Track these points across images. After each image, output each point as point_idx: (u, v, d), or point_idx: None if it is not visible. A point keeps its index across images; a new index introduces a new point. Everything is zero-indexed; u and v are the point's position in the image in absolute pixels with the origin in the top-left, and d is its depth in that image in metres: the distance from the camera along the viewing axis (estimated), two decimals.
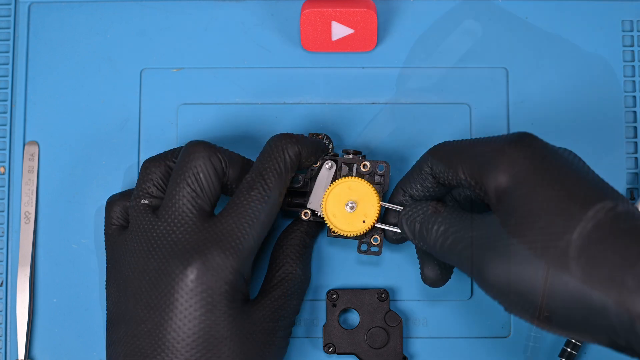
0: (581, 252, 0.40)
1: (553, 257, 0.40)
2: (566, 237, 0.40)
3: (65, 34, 0.57)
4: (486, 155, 0.45)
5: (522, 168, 0.43)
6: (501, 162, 0.44)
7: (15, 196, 0.55)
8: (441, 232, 0.46)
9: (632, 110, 0.56)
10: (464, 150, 0.46)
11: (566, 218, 0.40)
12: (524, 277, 0.41)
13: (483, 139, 0.47)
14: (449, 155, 0.47)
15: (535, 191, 0.42)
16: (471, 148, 0.46)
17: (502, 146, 0.44)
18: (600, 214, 0.40)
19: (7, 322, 0.54)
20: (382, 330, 0.52)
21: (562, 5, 0.57)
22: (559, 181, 0.42)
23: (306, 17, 0.54)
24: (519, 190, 0.43)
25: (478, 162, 0.45)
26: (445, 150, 0.48)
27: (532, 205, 0.42)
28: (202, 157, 0.48)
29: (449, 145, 0.48)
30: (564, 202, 0.41)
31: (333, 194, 0.50)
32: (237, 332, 0.46)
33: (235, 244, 0.46)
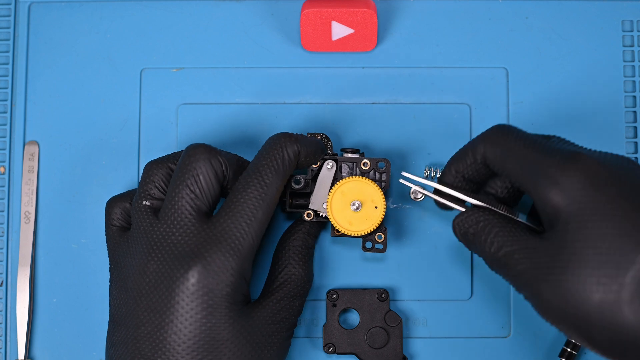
0: (634, 296, 0.40)
1: (606, 300, 0.41)
2: (619, 279, 0.40)
3: (65, 34, 0.57)
4: (544, 166, 0.44)
5: (579, 193, 0.42)
6: (560, 181, 0.43)
7: (15, 196, 0.55)
8: (494, 248, 0.46)
9: (632, 110, 0.56)
10: (519, 152, 0.46)
11: (619, 259, 0.41)
12: (578, 313, 0.42)
13: (540, 143, 0.46)
14: (503, 154, 0.46)
15: (590, 223, 0.42)
16: (528, 152, 0.45)
17: (559, 162, 0.44)
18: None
19: (7, 322, 0.54)
20: (382, 330, 0.52)
21: (562, 5, 0.57)
22: (614, 215, 0.41)
23: (306, 17, 0.54)
24: (574, 218, 0.42)
25: (534, 171, 0.44)
26: (500, 146, 0.47)
27: (586, 241, 0.42)
28: (202, 160, 0.48)
29: (503, 138, 0.47)
30: (617, 240, 0.41)
31: (338, 193, 0.50)
32: (237, 334, 0.46)
33: (234, 244, 0.46)
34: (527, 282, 0.44)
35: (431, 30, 0.56)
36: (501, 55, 0.56)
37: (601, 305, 0.41)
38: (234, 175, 0.49)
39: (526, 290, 0.44)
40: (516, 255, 0.45)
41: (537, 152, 0.45)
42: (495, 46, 0.56)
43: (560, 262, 0.42)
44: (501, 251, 0.45)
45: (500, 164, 0.46)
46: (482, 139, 0.47)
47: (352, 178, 0.50)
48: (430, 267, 0.54)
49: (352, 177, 0.50)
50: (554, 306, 0.43)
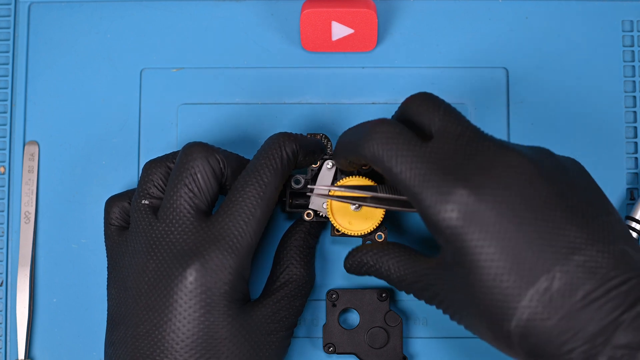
0: (522, 339, 0.40)
1: (499, 339, 0.42)
2: (505, 325, 0.41)
3: (65, 34, 0.57)
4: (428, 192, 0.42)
5: (468, 223, 0.41)
6: (448, 206, 0.41)
7: (15, 196, 0.55)
8: (396, 280, 0.47)
9: (632, 110, 0.56)
10: (408, 164, 0.43)
11: (504, 306, 0.40)
12: (485, 340, 0.44)
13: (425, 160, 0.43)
14: (388, 165, 0.44)
15: (474, 264, 0.41)
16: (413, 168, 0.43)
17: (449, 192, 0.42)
18: (533, 301, 0.40)
19: (7, 322, 0.54)
20: (382, 330, 0.52)
21: (562, 5, 0.57)
22: (498, 254, 0.40)
23: (306, 17, 0.54)
24: (460, 255, 0.41)
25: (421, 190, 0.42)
26: (386, 159, 0.44)
27: (473, 282, 0.41)
28: (200, 158, 0.48)
29: (390, 146, 0.44)
30: (502, 282, 0.40)
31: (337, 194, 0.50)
32: (236, 332, 0.46)
33: (232, 243, 0.46)
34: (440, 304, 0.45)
35: (431, 30, 0.56)
36: (501, 55, 0.56)
37: (495, 345, 0.43)
38: (232, 173, 0.49)
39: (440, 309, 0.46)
40: (418, 284, 0.46)
41: (424, 166, 0.43)
42: (495, 46, 0.56)
43: (458, 295, 0.43)
44: (403, 282, 0.46)
45: (386, 171, 0.44)
46: (362, 139, 0.45)
47: (352, 178, 0.50)
48: None
49: (352, 177, 0.50)
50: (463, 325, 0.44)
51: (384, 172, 0.44)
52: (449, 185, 0.42)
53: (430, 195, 0.42)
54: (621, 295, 0.39)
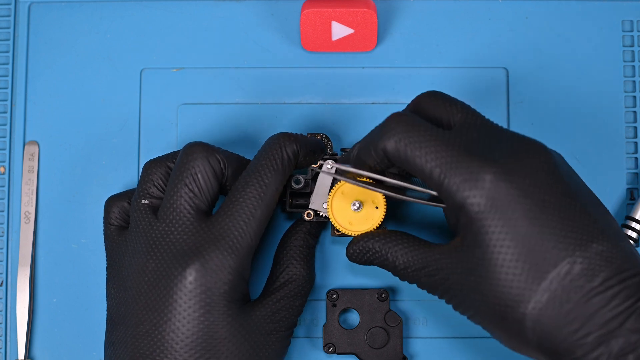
0: (535, 324, 0.41)
1: (510, 325, 0.42)
2: (522, 307, 0.42)
3: (65, 34, 0.57)
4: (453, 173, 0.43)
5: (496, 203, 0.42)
6: (476, 189, 0.42)
7: (15, 196, 0.56)
8: (401, 267, 0.47)
9: (632, 110, 0.56)
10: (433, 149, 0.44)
11: (523, 287, 0.41)
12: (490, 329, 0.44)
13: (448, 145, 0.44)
14: (408, 154, 0.44)
15: (498, 244, 0.42)
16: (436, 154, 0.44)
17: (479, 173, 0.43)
18: (554, 283, 0.41)
19: (7, 322, 0.54)
20: (382, 330, 0.52)
21: (562, 5, 0.57)
22: (521, 234, 0.42)
23: (306, 17, 0.54)
24: (483, 235, 0.42)
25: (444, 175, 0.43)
26: (404, 147, 0.45)
27: (493, 262, 0.42)
28: (200, 158, 0.48)
29: (407, 134, 0.44)
30: (522, 265, 0.42)
31: (339, 193, 0.50)
32: (236, 332, 0.46)
33: (232, 243, 0.46)
34: (446, 293, 0.45)
35: (431, 30, 0.56)
36: (501, 55, 0.56)
37: (506, 332, 0.43)
38: (233, 173, 0.49)
39: (444, 298, 0.46)
40: (427, 269, 0.46)
41: (449, 152, 0.44)
42: (495, 46, 0.56)
43: (471, 280, 0.43)
44: (410, 268, 0.46)
45: (409, 163, 0.45)
46: (382, 134, 0.45)
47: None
48: None
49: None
50: (469, 317, 0.45)
51: (406, 165, 0.45)
52: (477, 168, 0.43)
53: (457, 179, 0.43)
54: (634, 285, 0.41)
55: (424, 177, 0.44)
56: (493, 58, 0.56)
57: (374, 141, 0.46)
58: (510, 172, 0.42)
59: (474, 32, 0.56)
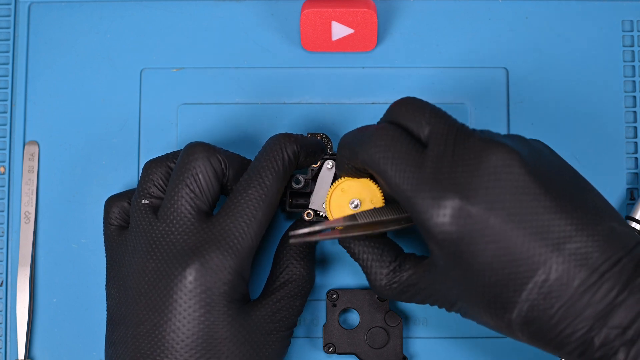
0: (523, 327, 0.42)
1: (501, 327, 0.43)
2: (507, 316, 0.42)
3: (65, 34, 0.57)
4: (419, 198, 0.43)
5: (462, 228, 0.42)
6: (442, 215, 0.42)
7: (15, 196, 0.55)
8: (379, 289, 0.47)
9: (632, 110, 0.56)
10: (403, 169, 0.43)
11: (503, 300, 0.42)
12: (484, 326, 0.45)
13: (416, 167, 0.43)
14: (380, 166, 0.44)
15: (471, 267, 0.42)
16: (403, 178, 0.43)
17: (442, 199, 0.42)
18: (533, 293, 0.41)
19: (7, 322, 0.54)
20: (382, 330, 0.52)
21: (562, 5, 0.57)
22: (496, 249, 0.41)
23: (306, 17, 0.54)
24: (454, 259, 0.42)
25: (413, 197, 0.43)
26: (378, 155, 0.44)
27: (470, 281, 0.43)
28: (201, 158, 0.48)
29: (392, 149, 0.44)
30: (501, 279, 0.42)
31: (338, 191, 0.50)
32: (236, 332, 0.46)
33: (233, 243, 0.46)
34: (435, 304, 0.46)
35: (431, 30, 0.56)
36: (501, 55, 0.56)
37: (499, 331, 0.44)
38: (234, 173, 0.49)
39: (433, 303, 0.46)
40: (406, 294, 0.46)
41: (418, 173, 0.43)
42: (495, 46, 0.56)
43: (456, 289, 0.44)
44: (386, 291, 0.47)
45: (382, 176, 0.44)
46: (362, 144, 0.45)
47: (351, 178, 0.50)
48: None
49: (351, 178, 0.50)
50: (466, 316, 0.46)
51: (380, 177, 0.45)
52: (441, 191, 0.42)
53: (422, 201, 0.42)
54: (614, 277, 0.40)
55: (394, 194, 0.44)
56: (493, 58, 0.56)
57: (355, 147, 0.46)
58: (472, 190, 0.42)
59: (474, 32, 0.56)
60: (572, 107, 0.56)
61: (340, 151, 0.48)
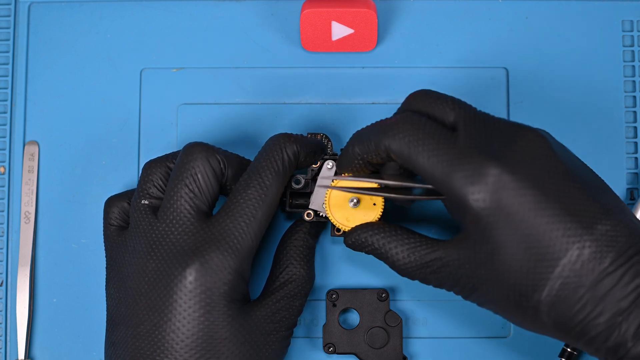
0: (550, 310, 0.42)
1: (525, 311, 0.43)
2: (536, 296, 0.42)
3: (65, 34, 0.57)
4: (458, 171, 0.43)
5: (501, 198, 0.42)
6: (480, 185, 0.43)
7: (15, 196, 0.55)
8: (401, 263, 0.47)
9: (632, 110, 0.56)
10: (431, 151, 0.44)
11: (535, 277, 0.42)
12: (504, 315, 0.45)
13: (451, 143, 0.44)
14: (412, 152, 0.45)
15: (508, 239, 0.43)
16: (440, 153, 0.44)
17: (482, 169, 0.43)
18: (566, 270, 0.42)
19: (7, 322, 0.54)
20: (382, 330, 0.52)
21: (562, 5, 0.57)
22: (528, 226, 0.42)
23: (306, 17, 0.54)
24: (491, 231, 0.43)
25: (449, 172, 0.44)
26: (408, 144, 0.45)
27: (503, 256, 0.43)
28: (200, 158, 0.48)
29: (412, 132, 0.45)
30: (532, 256, 0.42)
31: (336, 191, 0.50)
32: (236, 332, 0.46)
33: (233, 243, 0.46)
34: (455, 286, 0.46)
35: (431, 30, 0.56)
36: (501, 55, 0.56)
37: (521, 318, 0.44)
38: (234, 173, 0.49)
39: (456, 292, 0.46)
40: (431, 266, 0.46)
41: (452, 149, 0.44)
42: (495, 46, 0.56)
43: (482, 271, 0.44)
44: (411, 266, 0.47)
45: (412, 161, 0.45)
46: (387, 132, 0.46)
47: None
48: None
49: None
50: (484, 306, 0.46)
51: (409, 163, 0.45)
52: (480, 165, 0.43)
53: (460, 176, 0.43)
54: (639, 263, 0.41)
55: (427, 176, 0.45)
56: (493, 58, 0.56)
57: (377, 138, 0.46)
58: (512, 164, 0.43)
59: (474, 32, 0.56)
60: (572, 107, 0.56)
61: (354, 146, 0.48)
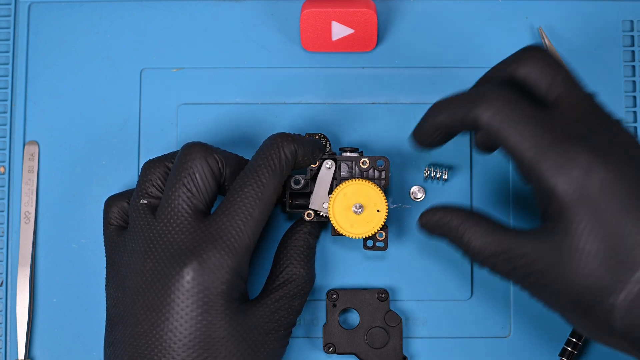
0: (626, 314, 0.41)
1: (597, 314, 0.42)
2: (612, 298, 0.41)
3: (65, 34, 0.57)
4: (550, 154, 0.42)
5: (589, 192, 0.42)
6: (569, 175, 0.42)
7: (15, 196, 0.56)
8: (476, 248, 0.45)
9: (632, 111, 0.56)
10: (528, 129, 0.43)
11: (614, 278, 0.41)
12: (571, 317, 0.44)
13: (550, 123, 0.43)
14: (506, 130, 0.43)
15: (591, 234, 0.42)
16: (535, 135, 0.43)
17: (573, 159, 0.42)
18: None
19: (7, 322, 0.55)
20: (382, 330, 0.52)
21: (562, 5, 0.57)
22: (613, 225, 0.41)
23: (306, 17, 0.54)
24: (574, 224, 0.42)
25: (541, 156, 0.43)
26: (504, 120, 0.43)
27: (584, 252, 0.42)
28: (198, 158, 0.48)
29: (510, 110, 0.43)
30: (613, 256, 0.41)
31: (340, 196, 0.50)
32: (234, 331, 0.46)
33: (230, 242, 0.46)
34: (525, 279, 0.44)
35: (431, 30, 0.56)
36: (501, 55, 0.56)
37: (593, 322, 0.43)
38: (231, 173, 0.49)
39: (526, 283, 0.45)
40: (506, 255, 0.44)
41: (546, 134, 0.43)
42: (495, 46, 0.56)
43: (557, 271, 0.43)
44: (485, 252, 0.45)
45: (501, 139, 0.44)
46: (479, 102, 0.44)
47: (354, 181, 0.50)
48: (430, 267, 0.54)
49: (354, 180, 0.50)
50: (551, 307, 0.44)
51: (498, 139, 0.44)
52: (572, 154, 0.42)
53: (550, 163, 0.42)
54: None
55: (515, 157, 0.43)
56: (493, 58, 0.56)
57: (466, 107, 0.44)
58: (605, 159, 0.42)
59: (474, 32, 0.56)
60: None
61: (437, 115, 0.46)
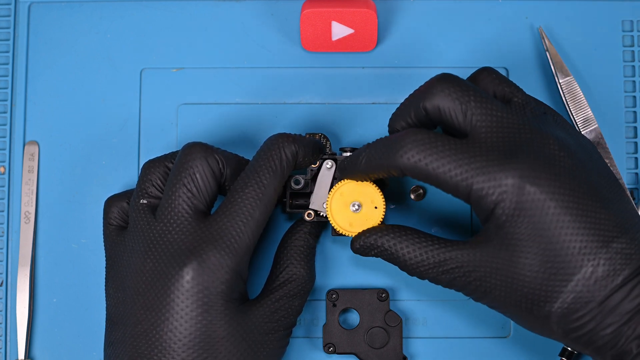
0: (560, 320, 0.43)
1: (536, 318, 0.44)
2: (548, 307, 0.43)
3: (65, 34, 0.57)
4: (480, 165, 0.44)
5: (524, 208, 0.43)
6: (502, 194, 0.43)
7: (15, 196, 0.56)
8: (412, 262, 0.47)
9: (632, 110, 0.56)
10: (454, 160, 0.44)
11: (549, 288, 0.43)
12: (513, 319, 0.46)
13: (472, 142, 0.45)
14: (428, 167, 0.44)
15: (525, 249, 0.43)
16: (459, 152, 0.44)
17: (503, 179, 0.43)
18: (579, 285, 0.42)
19: (7, 322, 0.55)
20: (382, 330, 0.52)
21: (562, 5, 0.57)
22: (546, 238, 0.43)
23: (306, 17, 0.54)
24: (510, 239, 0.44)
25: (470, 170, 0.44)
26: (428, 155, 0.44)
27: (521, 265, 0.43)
28: (199, 158, 0.48)
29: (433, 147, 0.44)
30: (548, 268, 0.43)
31: (337, 194, 0.50)
32: (234, 331, 0.46)
33: (230, 242, 0.46)
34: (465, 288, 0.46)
35: (431, 30, 0.56)
36: (501, 55, 0.56)
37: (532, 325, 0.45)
38: (232, 173, 0.49)
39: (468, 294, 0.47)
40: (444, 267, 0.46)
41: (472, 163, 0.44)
42: (495, 46, 0.56)
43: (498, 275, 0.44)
44: (423, 265, 0.46)
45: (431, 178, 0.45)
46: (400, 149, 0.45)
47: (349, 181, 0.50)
48: None
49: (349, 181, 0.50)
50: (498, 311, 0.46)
51: (428, 180, 0.45)
52: (501, 176, 0.43)
53: (482, 182, 0.43)
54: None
55: (449, 190, 0.45)
56: (493, 58, 0.56)
57: (388, 159, 0.46)
58: (534, 175, 0.43)
59: (474, 32, 0.56)
60: None
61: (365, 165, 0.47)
